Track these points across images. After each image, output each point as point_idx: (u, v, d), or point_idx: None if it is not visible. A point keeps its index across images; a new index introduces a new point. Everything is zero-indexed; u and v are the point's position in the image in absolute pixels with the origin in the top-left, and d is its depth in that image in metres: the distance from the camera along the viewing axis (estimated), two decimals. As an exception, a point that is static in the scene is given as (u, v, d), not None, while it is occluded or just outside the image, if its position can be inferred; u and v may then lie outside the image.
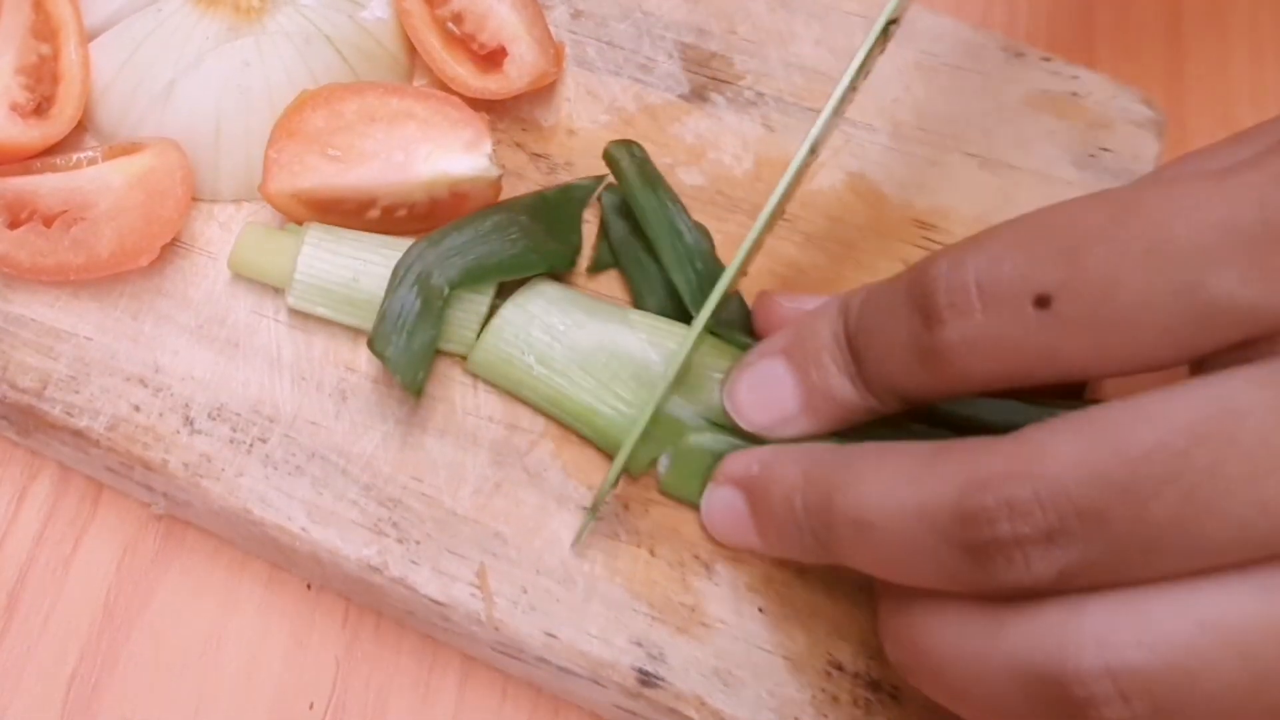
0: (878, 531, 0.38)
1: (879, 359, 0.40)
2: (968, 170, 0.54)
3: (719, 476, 0.46)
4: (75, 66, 0.51)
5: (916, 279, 0.38)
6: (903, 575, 0.38)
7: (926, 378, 0.38)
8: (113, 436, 0.47)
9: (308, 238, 0.49)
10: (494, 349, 0.48)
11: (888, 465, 0.38)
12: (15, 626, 0.49)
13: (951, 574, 0.36)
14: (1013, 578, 0.35)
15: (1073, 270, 0.34)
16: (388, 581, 0.46)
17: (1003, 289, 0.35)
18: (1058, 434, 0.34)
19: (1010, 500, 0.34)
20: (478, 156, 0.50)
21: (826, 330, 0.43)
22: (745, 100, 0.55)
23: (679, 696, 0.45)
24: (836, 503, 0.39)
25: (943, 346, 0.37)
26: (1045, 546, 0.34)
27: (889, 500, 0.37)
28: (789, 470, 0.42)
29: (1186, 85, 0.63)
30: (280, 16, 0.52)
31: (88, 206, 0.48)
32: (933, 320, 0.37)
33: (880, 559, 0.38)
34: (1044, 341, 0.35)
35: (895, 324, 0.39)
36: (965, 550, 0.35)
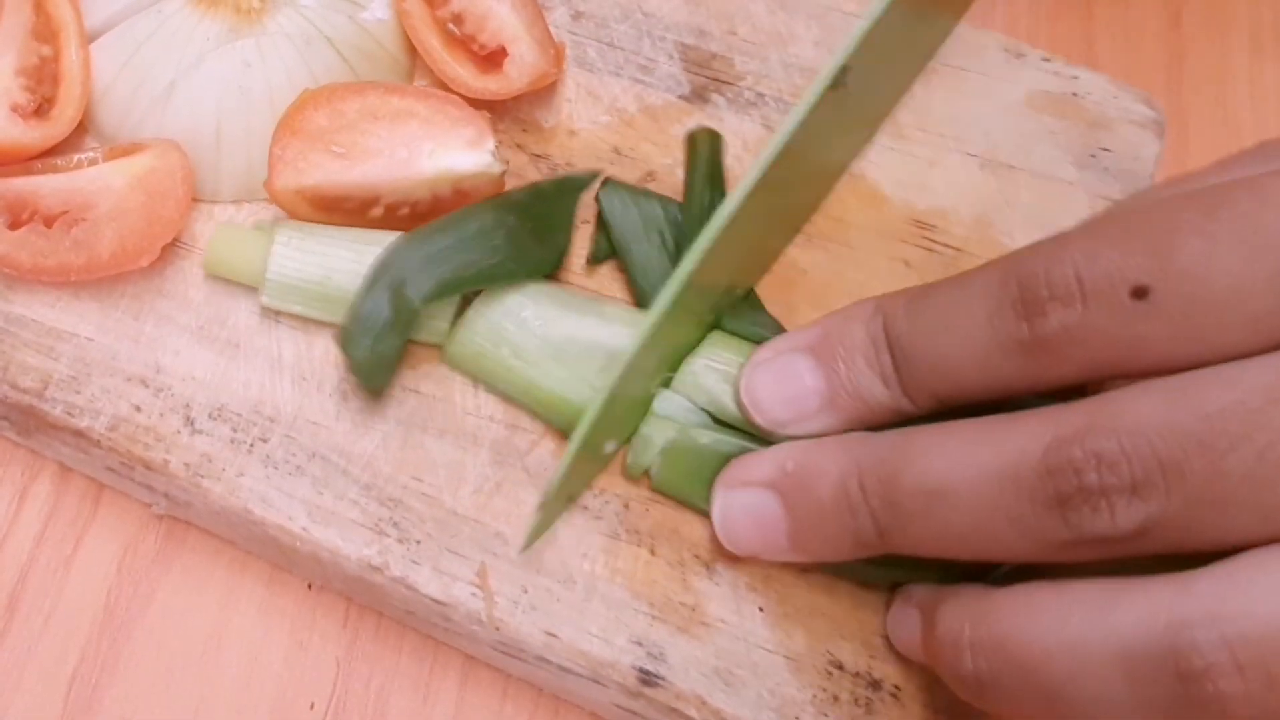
0: (952, 500, 0.38)
1: (941, 358, 0.40)
2: (968, 170, 0.54)
3: (734, 480, 0.45)
4: (76, 68, 0.51)
5: (1009, 275, 0.38)
6: (978, 544, 0.38)
7: (1009, 374, 0.39)
8: (114, 437, 0.47)
9: (278, 236, 0.49)
10: (469, 342, 0.48)
11: (956, 435, 0.39)
12: (16, 626, 0.49)
13: (1033, 534, 0.37)
14: (1099, 528, 0.35)
15: (1168, 261, 0.35)
16: (388, 581, 0.46)
17: (1102, 281, 0.36)
18: (1140, 393, 0.36)
19: (1098, 451, 0.35)
20: (481, 153, 0.50)
21: (861, 331, 0.43)
22: (745, 101, 0.55)
23: (679, 696, 0.45)
24: (905, 477, 0.39)
25: (1044, 338, 0.37)
26: (1129, 498, 0.35)
27: (967, 465, 0.38)
28: (836, 458, 0.42)
29: (1186, 85, 0.63)
30: (280, 17, 0.52)
31: (89, 207, 0.49)
32: (1033, 313, 0.37)
33: (954, 530, 0.39)
34: (1140, 332, 0.36)
35: (972, 321, 0.39)
36: (1052, 503, 0.36)
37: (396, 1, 0.54)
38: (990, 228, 0.53)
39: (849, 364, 0.43)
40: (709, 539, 0.47)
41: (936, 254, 0.52)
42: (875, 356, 0.42)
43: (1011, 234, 0.52)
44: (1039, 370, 0.38)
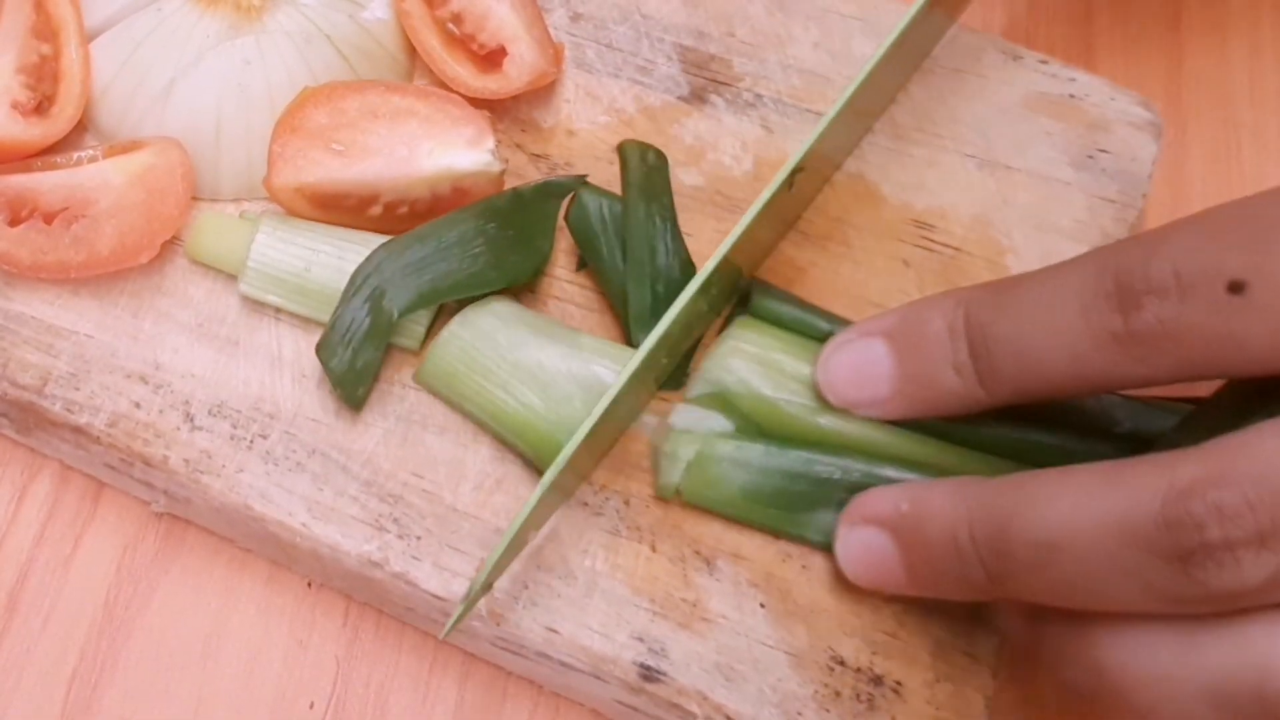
0: (1066, 552, 0.37)
1: (1027, 349, 0.40)
2: (965, 171, 0.54)
3: (855, 516, 0.45)
4: (76, 66, 0.51)
5: (1105, 267, 0.38)
6: (1093, 598, 0.37)
7: (1105, 365, 0.38)
8: (113, 433, 0.47)
9: (262, 226, 0.49)
10: (442, 361, 0.48)
11: (1070, 484, 0.38)
12: (15, 626, 0.49)
13: (1154, 589, 0.36)
14: (1224, 584, 0.34)
15: (1264, 257, 0.35)
16: (388, 577, 0.46)
17: (1199, 275, 0.36)
18: (1255, 436, 0.35)
19: (1219, 504, 0.34)
20: (480, 152, 0.50)
21: (940, 321, 0.43)
22: (744, 102, 0.55)
23: (681, 691, 0.45)
24: (1015, 528, 0.38)
25: (1139, 331, 0.37)
26: (1258, 550, 0.34)
27: (1079, 518, 0.37)
28: (947, 504, 0.41)
29: (1186, 85, 0.63)
30: (280, 16, 0.52)
31: (88, 204, 0.48)
32: (1129, 306, 0.37)
33: (1067, 583, 0.37)
34: (1236, 327, 0.35)
35: (1064, 313, 0.39)
36: (1172, 559, 0.35)
37: (396, 1, 0.54)
38: (988, 227, 0.53)
39: (923, 354, 0.43)
40: (710, 535, 0.47)
41: (935, 253, 0.52)
42: (951, 346, 0.42)
43: (1009, 234, 0.53)
44: (1132, 364, 0.38)
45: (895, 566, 0.43)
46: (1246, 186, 0.60)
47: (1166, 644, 0.36)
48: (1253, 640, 0.35)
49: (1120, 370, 0.38)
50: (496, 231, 0.49)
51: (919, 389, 0.43)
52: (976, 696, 0.45)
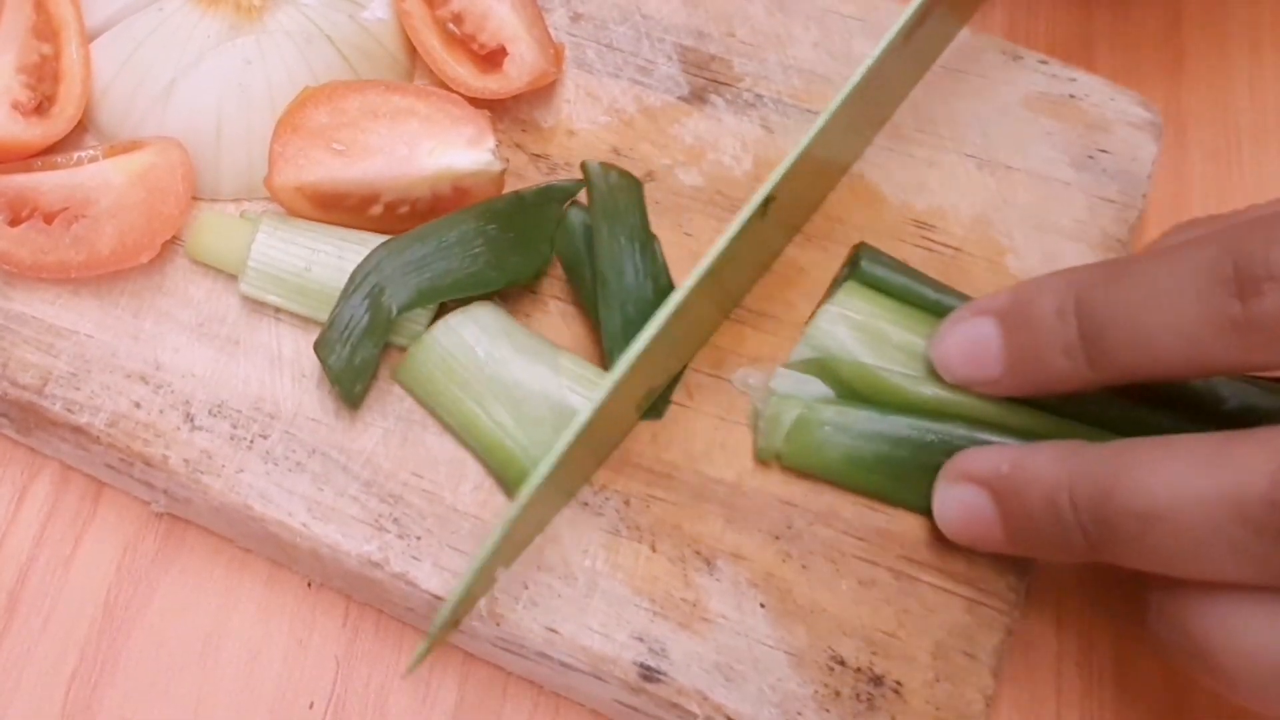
0: (1168, 524, 0.37)
1: (1140, 332, 0.39)
2: (965, 171, 0.54)
3: (954, 474, 0.45)
4: (76, 66, 0.51)
5: (1225, 252, 0.37)
6: (1194, 568, 0.38)
7: (1221, 352, 0.38)
8: (113, 433, 0.47)
9: (262, 225, 0.49)
10: (421, 364, 0.48)
11: (1175, 455, 0.38)
12: (15, 626, 0.49)
13: (1258, 565, 0.36)
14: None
15: None
16: (388, 577, 0.46)
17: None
18: None
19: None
20: (481, 152, 0.50)
21: (1050, 302, 0.42)
22: (744, 102, 0.55)
23: (681, 691, 0.45)
24: (1117, 497, 0.39)
25: (1258, 318, 0.37)
26: None
27: (1184, 490, 0.37)
28: (1049, 468, 0.41)
29: (1186, 85, 0.63)
30: (281, 16, 0.52)
31: (89, 204, 0.49)
32: (1248, 292, 0.37)
33: (1169, 553, 0.38)
34: None
35: (1181, 297, 0.38)
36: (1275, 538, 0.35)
37: (397, 1, 0.54)
38: (988, 227, 0.53)
39: (1033, 334, 0.43)
40: (710, 535, 0.47)
41: (935, 254, 0.52)
42: (1061, 327, 0.42)
43: (1010, 234, 0.53)
44: (1248, 351, 0.37)
45: (993, 526, 0.44)
46: (1246, 186, 0.60)
47: (1259, 618, 0.36)
48: None
49: (1236, 356, 0.38)
50: (497, 233, 0.49)
51: (1029, 368, 0.43)
52: (976, 696, 0.45)
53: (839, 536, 0.47)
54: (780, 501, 0.47)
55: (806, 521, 0.47)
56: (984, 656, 0.45)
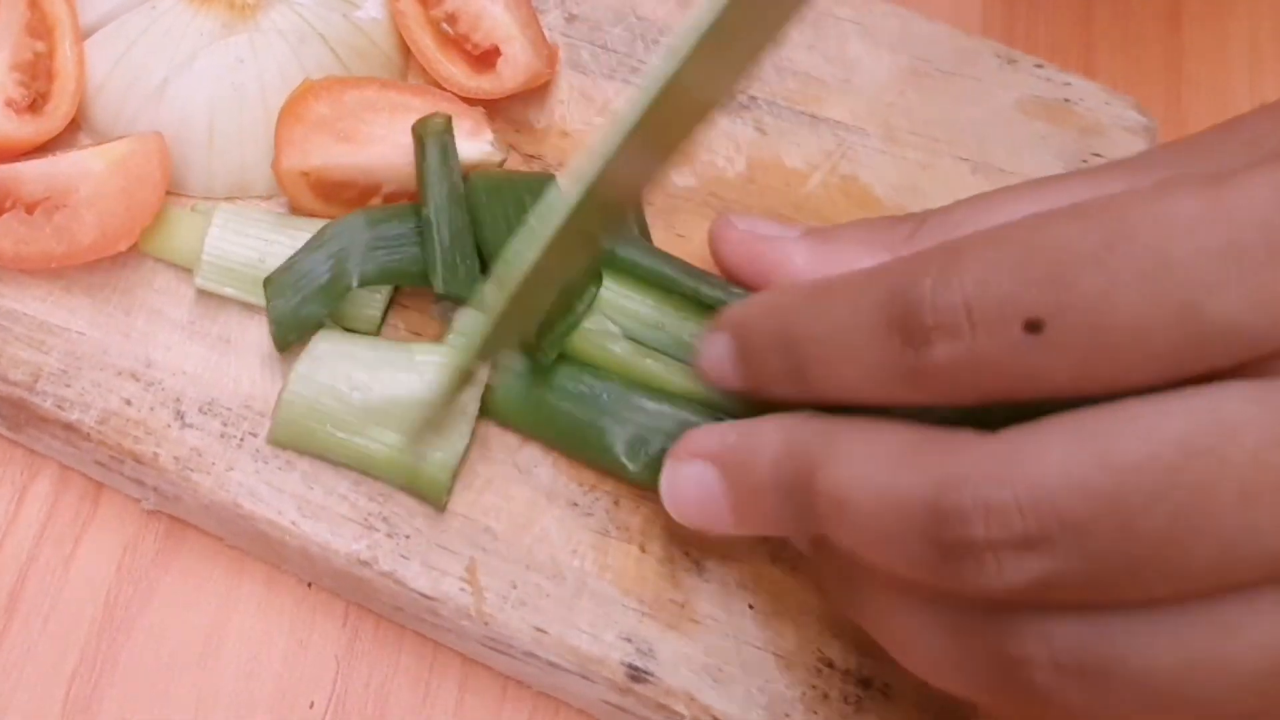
0: (851, 513, 0.36)
1: (832, 369, 0.39)
2: (959, 174, 0.54)
3: (682, 452, 0.43)
4: (70, 63, 0.51)
5: (895, 295, 0.36)
6: (877, 559, 0.37)
7: (899, 394, 0.37)
8: (103, 430, 0.47)
9: (215, 218, 0.49)
10: (289, 423, 0.47)
11: (871, 445, 0.37)
12: (15, 626, 0.49)
13: (924, 567, 0.35)
14: (983, 582, 0.33)
15: (1065, 295, 0.33)
16: (377, 576, 0.46)
17: (993, 312, 0.34)
18: (1044, 435, 0.33)
19: (987, 502, 0.33)
20: (482, 142, 0.50)
21: (762, 328, 0.42)
22: (738, 104, 0.55)
23: (669, 692, 0.45)
24: (818, 475, 0.38)
25: (928, 368, 0.35)
26: (1020, 554, 0.32)
27: (867, 484, 0.36)
28: (773, 436, 0.40)
29: (1186, 86, 0.63)
30: (274, 14, 0.52)
31: (69, 192, 0.48)
32: (917, 341, 0.35)
33: (857, 540, 0.37)
34: (1032, 365, 0.33)
35: (860, 338, 0.37)
36: (937, 548, 0.34)
37: (390, 0, 0.54)
38: (982, 230, 0.53)
39: (751, 362, 0.42)
40: (699, 536, 0.47)
41: (928, 256, 0.52)
42: (774, 356, 0.41)
43: (1003, 237, 0.53)
44: (930, 396, 0.36)
45: (721, 503, 0.42)
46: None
47: (932, 628, 0.36)
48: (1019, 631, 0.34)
49: (920, 398, 0.36)
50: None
51: (758, 385, 0.43)
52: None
53: (829, 538, 0.47)
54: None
55: (796, 523, 0.47)
56: (973, 659, 0.45)
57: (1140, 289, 0.32)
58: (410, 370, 0.47)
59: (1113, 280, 0.32)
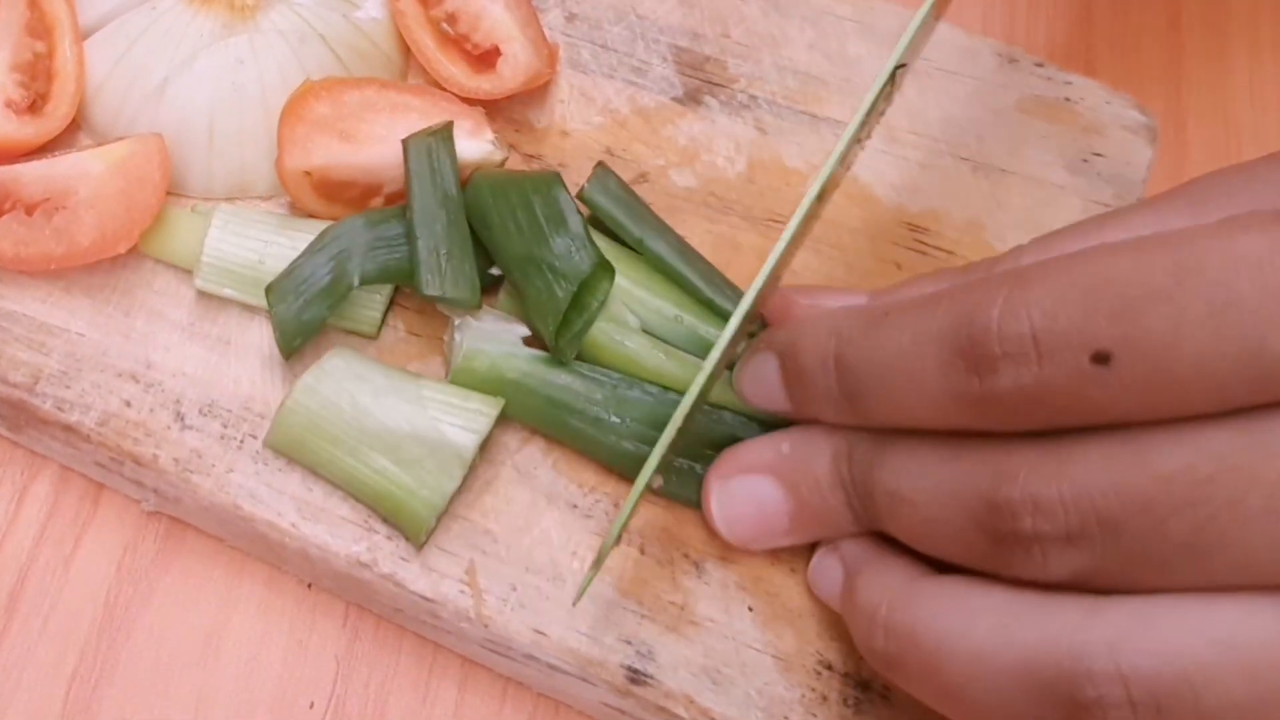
0: (909, 505, 0.39)
1: (892, 395, 0.39)
2: (960, 174, 0.54)
3: (730, 469, 0.45)
4: (70, 64, 0.51)
5: (962, 322, 0.36)
6: (931, 546, 0.39)
7: (962, 421, 0.38)
8: (103, 432, 0.47)
9: (215, 219, 0.49)
10: (289, 430, 0.47)
11: (923, 447, 0.39)
12: (15, 626, 0.49)
13: (975, 553, 0.37)
14: (1029, 571, 0.36)
15: (1134, 328, 0.33)
16: (377, 578, 0.46)
17: (1061, 342, 0.34)
18: (1093, 442, 0.35)
19: (1036, 496, 0.35)
20: (482, 142, 0.50)
21: (815, 351, 0.42)
22: (738, 103, 0.55)
23: (668, 695, 0.45)
24: (877, 470, 0.40)
25: (993, 396, 0.36)
26: (1063, 547, 0.35)
27: (924, 479, 0.39)
28: (829, 439, 0.43)
29: (1185, 88, 0.63)
30: (274, 15, 0.52)
31: (69, 194, 0.48)
32: (984, 369, 0.36)
33: (911, 530, 0.40)
34: (1098, 397, 0.34)
35: (924, 364, 0.38)
36: (989, 536, 0.36)
37: (390, 0, 0.54)
38: (982, 231, 0.53)
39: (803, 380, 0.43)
40: (699, 538, 0.47)
41: (928, 256, 0.52)
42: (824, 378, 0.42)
43: (1003, 237, 0.53)
44: (993, 423, 0.37)
45: (780, 512, 0.44)
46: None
47: (985, 615, 0.36)
48: (1066, 621, 0.35)
49: (983, 425, 0.37)
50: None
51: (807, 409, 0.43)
52: (963, 702, 0.45)
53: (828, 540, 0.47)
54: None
55: (795, 525, 0.47)
56: (972, 661, 0.45)
57: (1207, 325, 0.33)
58: (416, 404, 0.46)
59: (1181, 315, 0.33)
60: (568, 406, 0.47)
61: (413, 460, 0.46)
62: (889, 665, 0.39)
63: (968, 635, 0.36)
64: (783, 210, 0.53)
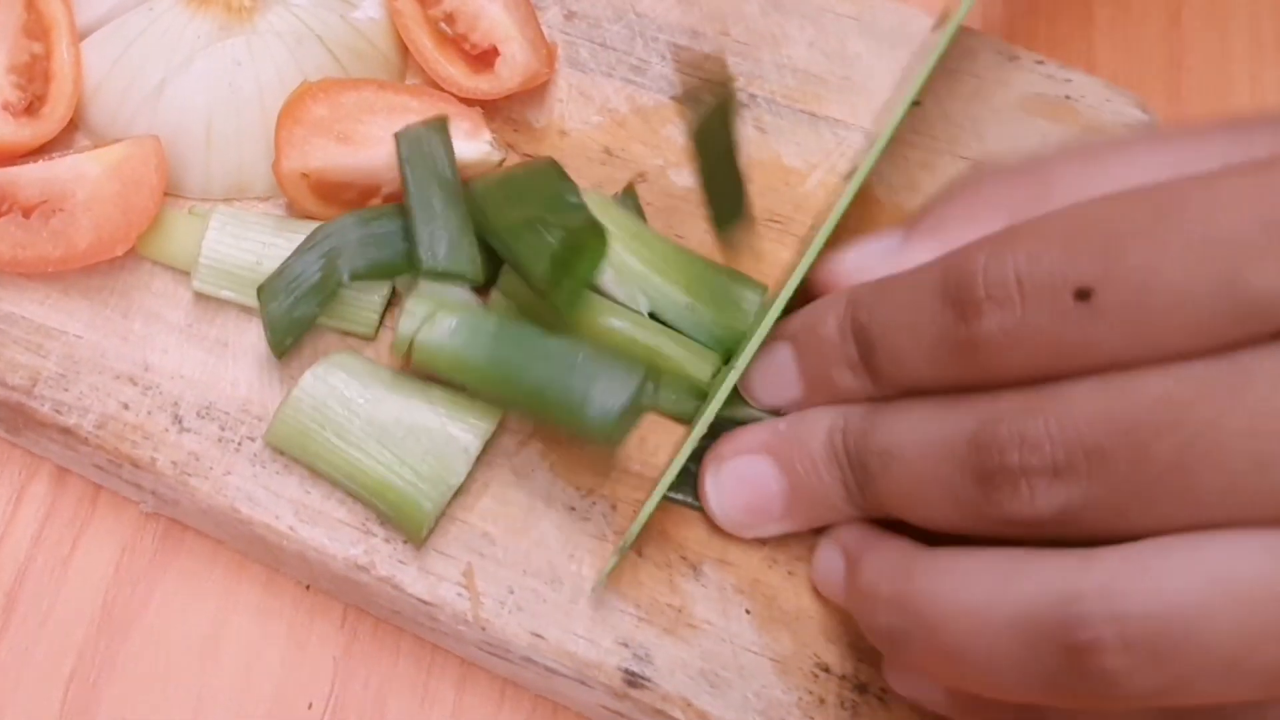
0: (902, 461, 0.40)
1: (896, 351, 0.41)
2: (960, 172, 0.54)
3: (726, 453, 0.46)
4: (67, 65, 0.51)
5: (950, 272, 0.38)
6: (923, 510, 0.40)
7: (955, 370, 0.39)
8: (101, 434, 0.47)
9: (213, 221, 0.49)
10: (293, 421, 0.46)
11: (918, 406, 0.40)
12: (14, 627, 0.49)
13: (961, 504, 0.38)
14: (1017, 508, 0.36)
15: (1114, 264, 0.35)
16: (375, 581, 0.46)
17: (1043, 281, 0.35)
18: (1077, 382, 0.36)
19: (1022, 432, 0.36)
20: (480, 142, 0.50)
21: (832, 321, 0.43)
22: (738, 103, 0.55)
23: (665, 697, 0.45)
24: (870, 438, 0.41)
25: (980, 339, 0.37)
26: (1050, 480, 0.35)
27: (916, 431, 0.40)
28: (824, 415, 0.44)
29: (1186, 86, 0.63)
30: (272, 16, 0.52)
31: (65, 196, 0.48)
32: (969, 312, 0.37)
33: (904, 491, 0.40)
34: (1082, 334, 0.35)
35: (920, 316, 0.39)
36: (977, 477, 0.37)
37: (388, 0, 0.54)
38: (982, 230, 0.53)
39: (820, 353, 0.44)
40: (696, 541, 0.47)
41: (928, 256, 0.52)
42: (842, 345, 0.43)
43: (1003, 237, 0.52)
44: (982, 370, 0.38)
45: (774, 492, 0.45)
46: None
47: (981, 575, 0.37)
48: (1060, 568, 0.35)
49: (974, 374, 0.38)
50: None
51: (823, 386, 0.44)
52: (961, 704, 0.45)
53: (826, 542, 0.47)
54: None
55: (793, 527, 0.47)
56: (970, 664, 0.45)
57: (1186, 258, 0.34)
58: (425, 402, 0.47)
59: (1160, 250, 0.34)
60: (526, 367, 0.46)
61: (419, 455, 0.46)
62: (894, 641, 0.39)
63: (965, 596, 0.37)
64: (782, 210, 0.53)
